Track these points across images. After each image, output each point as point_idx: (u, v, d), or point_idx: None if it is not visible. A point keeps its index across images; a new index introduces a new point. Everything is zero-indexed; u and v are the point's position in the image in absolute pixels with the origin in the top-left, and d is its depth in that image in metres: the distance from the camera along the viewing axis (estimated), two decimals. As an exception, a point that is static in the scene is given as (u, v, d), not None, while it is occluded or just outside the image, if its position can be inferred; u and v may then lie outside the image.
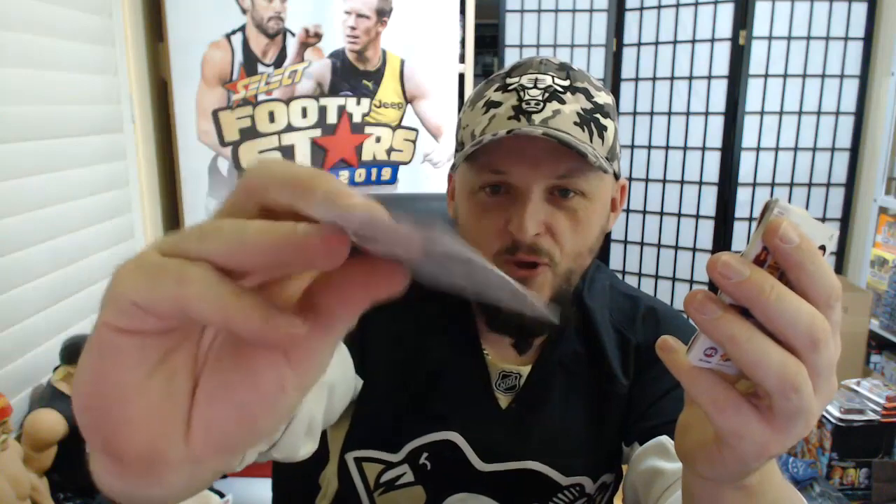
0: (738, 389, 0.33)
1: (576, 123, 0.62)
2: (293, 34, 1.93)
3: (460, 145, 0.69)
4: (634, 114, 2.69)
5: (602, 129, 0.64)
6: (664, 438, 0.66)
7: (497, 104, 0.64)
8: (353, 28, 1.95)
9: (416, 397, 0.71)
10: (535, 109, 0.62)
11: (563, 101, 0.63)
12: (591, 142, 0.63)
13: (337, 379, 0.64)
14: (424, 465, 0.71)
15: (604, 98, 0.66)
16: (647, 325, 0.75)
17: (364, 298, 0.23)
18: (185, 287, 0.21)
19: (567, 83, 0.65)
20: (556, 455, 0.71)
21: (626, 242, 2.81)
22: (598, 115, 0.64)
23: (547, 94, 0.63)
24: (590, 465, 0.73)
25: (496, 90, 0.66)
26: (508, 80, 0.66)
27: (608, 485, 0.76)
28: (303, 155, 1.98)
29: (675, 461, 0.63)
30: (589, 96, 0.65)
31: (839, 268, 2.56)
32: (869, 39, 2.43)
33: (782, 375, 0.30)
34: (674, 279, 2.70)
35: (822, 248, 0.32)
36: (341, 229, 0.21)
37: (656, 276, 2.75)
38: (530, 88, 0.64)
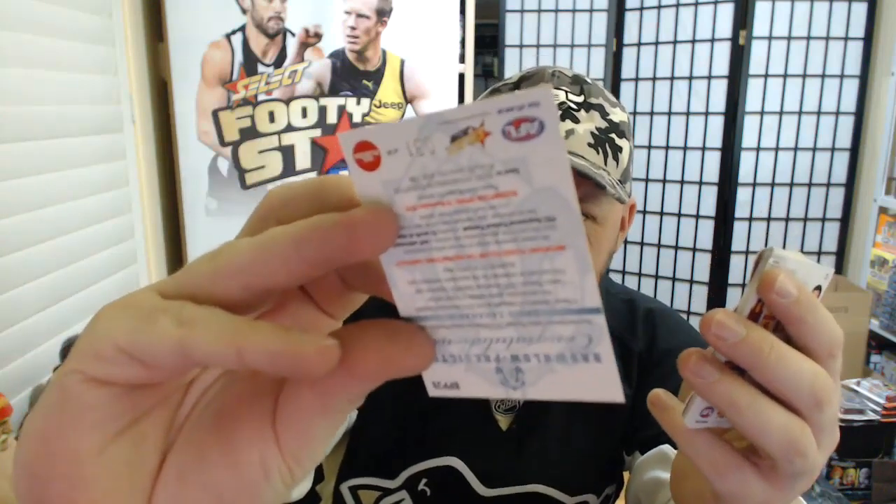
0: (736, 446, 0.32)
1: (590, 145, 0.59)
2: (293, 34, 1.93)
3: None
4: (634, 114, 2.69)
5: (617, 151, 0.61)
6: (666, 448, 0.65)
7: None
8: (353, 28, 1.95)
9: (414, 423, 0.69)
10: None
11: (576, 120, 0.60)
12: (606, 164, 0.60)
13: None
14: (424, 491, 0.69)
15: (619, 115, 0.63)
16: (647, 328, 0.74)
17: (377, 369, 0.19)
18: (188, 327, 0.17)
19: (581, 99, 0.61)
20: (559, 475, 0.70)
21: (626, 242, 2.81)
22: (613, 136, 0.61)
23: (559, 112, 0.60)
24: (594, 480, 0.72)
25: None
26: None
27: (610, 496, 0.75)
28: (303, 154, 1.98)
29: None
30: (604, 114, 0.62)
31: (839, 268, 2.56)
32: (869, 39, 2.42)
33: (787, 441, 0.29)
34: (674, 279, 2.70)
35: (819, 288, 0.30)
36: (388, 208, 0.18)
37: (656, 276, 2.75)
38: None
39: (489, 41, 2.74)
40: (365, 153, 0.18)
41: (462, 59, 2.11)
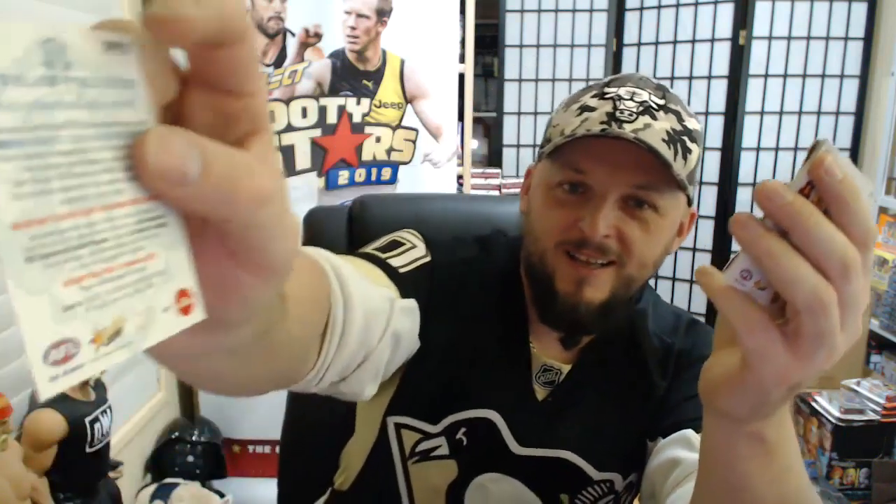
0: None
1: (664, 140, 0.64)
2: (293, 34, 1.93)
3: (547, 141, 0.71)
4: (634, 114, 2.70)
5: (687, 152, 0.66)
6: (688, 432, 0.67)
7: (591, 109, 0.66)
8: (353, 28, 1.95)
9: (460, 374, 0.72)
10: (627, 119, 0.64)
11: (655, 118, 0.65)
12: (675, 161, 0.64)
13: (405, 332, 0.64)
14: (461, 440, 0.73)
15: (694, 124, 0.68)
16: (689, 334, 0.78)
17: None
18: None
19: (662, 102, 0.67)
20: (590, 449, 0.73)
21: (626, 242, 2.81)
22: (685, 138, 0.66)
23: (641, 108, 0.65)
24: (621, 461, 0.74)
25: (592, 97, 0.68)
26: (606, 90, 0.68)
27: (634, 484, 0.77)
28: (303, 154, 1.98)
29: (696, 452, 0.63)
30: (680, 119, 0.67)
31: (839, 268, 2.56)
32: (869, 39, 2.43)
33: (813, 293, 0.32)
34: (674, 279, 2.70)
35: None
36: None
37: (656, 276, 2.75)
38: (626, 100, 0.66)
39: (489, 41, 2.74)
40: None
41: (462, 59, 2.11)
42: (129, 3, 1.80)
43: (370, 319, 0.55)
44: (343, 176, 2.02)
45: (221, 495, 1.86)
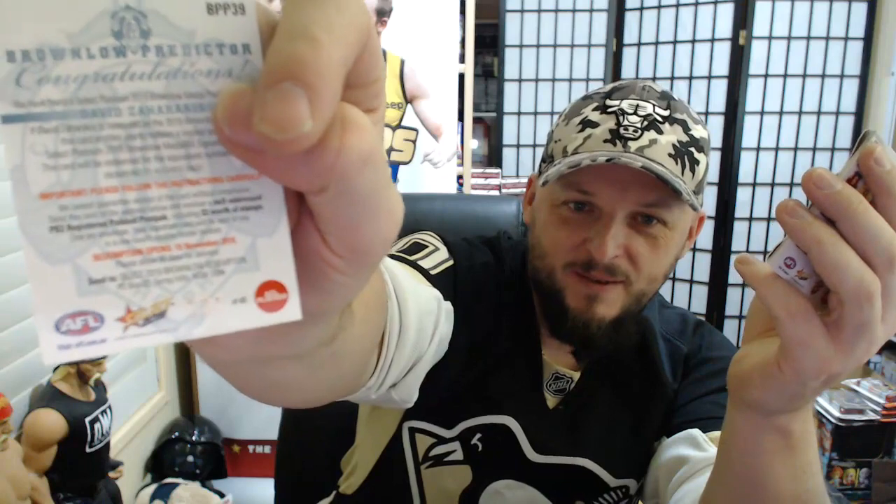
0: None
1: (670, 155, 0.63)
2: (293, 34, 1.93)
3: (549, 157, 0.70)
4: (634, 114, 2.70)
5: (694, 164, 0.65)
6: (694, 430, 0.67)
7: (594, 124, 0.65)
8: (353, 28, 1.95)
9: (476, 379, 0.71)
10: (632, 136, 0.63)
11: (660, 132, 0.64)
12: (683, 175, 0.63)
13: (445, 335, 0.63)
14: (476, 445, 0.72)
15: (700, 132, 0.67)
16: (697, 336, 0.78)
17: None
18: None
19: (667, 113, 0.65)
20: (605, 455, 0.73)
21: (626, 242, 2.81)
22: (692, 149, 0.65)
23: (646, 123, 0.64)
24: (637, 467, 0.74)
25: (594, 109, 0.66)
26: (609, 102, 0.66)
27: (643, 487, 0.77)
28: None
29: (702, 451, 0.64)
30: (686, 129, 0.65)
31: (839, 268, 2.56)
32: (869, 39, 2.43)
33: (859, 282, 0.32)
34: (674, 279, 2.70)
35: None
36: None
37: (656, 276, 2.75)
38: (630, 114, 0.64)
39: (489, 41, 2.74)
40: None
41: (462, 59, 2.11)
42: None
43: (423, 319, 0.54)
44: (343, 176, 2.01)
45: (221, 495, 1.86)
